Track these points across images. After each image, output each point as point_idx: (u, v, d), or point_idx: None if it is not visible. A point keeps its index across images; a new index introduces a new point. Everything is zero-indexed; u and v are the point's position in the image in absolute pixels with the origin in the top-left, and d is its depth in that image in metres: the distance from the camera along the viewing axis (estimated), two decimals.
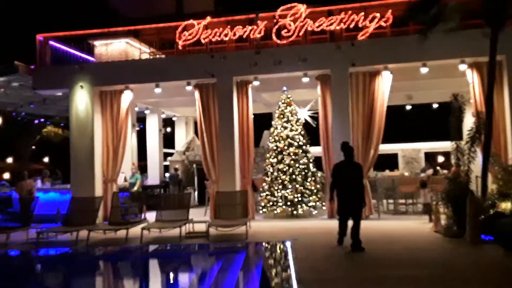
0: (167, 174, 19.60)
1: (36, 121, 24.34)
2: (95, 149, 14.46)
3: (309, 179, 13.50)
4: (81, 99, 14.58)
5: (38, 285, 7.92)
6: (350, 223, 9.25)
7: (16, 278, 8.34)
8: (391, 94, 13.38)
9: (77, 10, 28.43)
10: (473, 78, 12.85)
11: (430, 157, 19.72)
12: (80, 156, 14.44)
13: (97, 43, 16.30)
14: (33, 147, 32.87)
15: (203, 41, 14.15)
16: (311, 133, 14.55)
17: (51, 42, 15.30)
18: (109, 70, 14.77)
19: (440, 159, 20.08)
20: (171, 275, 8.78)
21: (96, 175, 14.38)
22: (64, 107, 16.71)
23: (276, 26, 13.64)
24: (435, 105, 18.48)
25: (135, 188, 15.39)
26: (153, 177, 18.88)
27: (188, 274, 8.56)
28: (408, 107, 18.85)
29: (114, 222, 11.81)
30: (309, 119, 15.69)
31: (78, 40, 15.93)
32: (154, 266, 9.68)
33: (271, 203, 13.54)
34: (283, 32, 13.57)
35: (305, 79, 13.60)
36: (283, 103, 14.18)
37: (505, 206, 9.58)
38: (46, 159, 34.19)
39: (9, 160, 29.86)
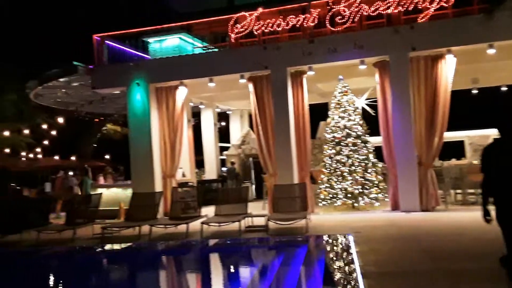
0: (224, 168, 19.67)
1: (96, 120, 25.17)
2: (153, 145, 14.66)
3: (369, 170, 13.08)
4: (138, 96, 14.81)
5: (104, 278, 8.11)
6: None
7: (83, 271, 8.59)
8: (455, 79, 12.68)
9: (130, 8, 29.08)
10: None
11: None
12: (139, 153, 14.70)
13: (151, 40, 16.53)
14: (95, 145, 34.12)
15: (255, 32, 13.98)
16: (370, 122, 14.12)
17: (107, 42, 15.65)
18: (163, 67, 14.92)
19: None
20: (233, 268, 8.75)
21: (155, 170, 14.59)
22: (122, 105, 17.11)
23: (330, 13, 13.24)
24: (504, 88, 17.40)
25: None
26: (210, 171, 19.01)
27: (249, 268, 8.49)
28: (474, 91, 17.85)
29: (174, 217, 11.94)
30: (367, 108, 15.23)
31: (133, 38, 16.21)
32: (215, 260, 9.71)
33: (330, 196, 13.25)
34: (337, 19, 13.16)
35: (362, 67, 13.14)
36: (339, 93, 13.80)
37: None
38: (107, 156, 35.34)
39: (73, 158, 31.07)
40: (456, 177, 13.32)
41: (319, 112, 17.90)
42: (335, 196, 13.20)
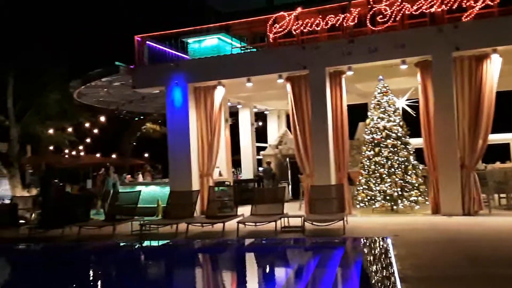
0: (260, 168, 19.69)
1: (136, 119, 25.68)
2: (191, 144, 14.81)
3: (409, 172, 12.78)
4: (177, 96, 15.01)
5: (141, 274, 8.23)
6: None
7: (122, 267, 8.74)
8: (500, 79, 12.27)
9: (170, 8, 29.52)
10: None
11: None
12: (177, 151, 14.89)
13: (190, 40, 16.71)
14: (134, 143, 34.82)
15: (294, 32, 13.92)
16: (411, 123, 13.81)
17: (148, 42, 15.92)
18: (202, 67, 15.06)
19: None
20: (268, 268, 8.71)
21: (192, 169, 14.73)
22: (161, 104, 17.37)
23: (371, 13, 13.03)
24: None
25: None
26: (247, 171, 19.06)
27: (285, 268, 8.42)
28: None
29: (211, 216, 12.02)
30: (408, 109, 14.91)
31: (172, 39, 16.43)
32: (250, 259, 9.69)
33: (368, 198, 13.03)
34: (378, 18, 12.93)
35: (403, 67, 12.87)
36: (379, 93, 13.55)
37: None
38: (146, 155, 36.02)
39: (113, 156, 31.82)
40: (500, 181, 12.88)
41: (358, 112, 17.66)
42: (373, 198, 12.98)
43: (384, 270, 6.85)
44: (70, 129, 22.43)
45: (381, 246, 8.65)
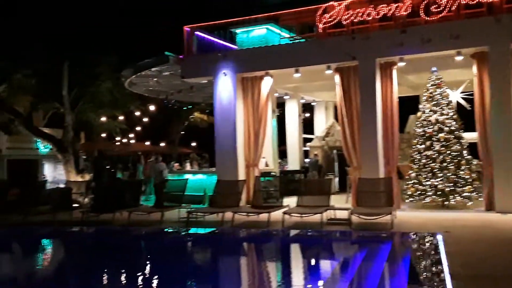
0: (306, 160, 19.59)
1: (184, 108, 26.10)
2: (238, 134, 14.90)
3: (462, 167, 12.37)
4: (224, 86, 15.11)
5: (188, 260, 8.39)
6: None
7: (168, 252, 8.94)
8: None
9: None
10: None
11: None
12: (224, 141, 15.02)
13: (238, 30, 16.75)
14: (182, 132, 35.47)
15: (344, 22, 13.68)
16: (465, 117, 13.34)
17: (197, 33, 16.08)
18: (250, 57, 15.08)
19: None
20: (313, 260, 8.67)
21: (239, 159, 14.83)
22: (209, 94, 17.55)
23: (425, 2, 12.62)
24: None
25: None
26: (293, 162, 19.00)
27: (330, 261, 8.35)
28: None
29: (256, 206, 12.10)
30: (462, 102, 14.40)
31: (221, 29, 16.52)
32: (296, 251, 9.68)
33: (418, 192, 12.73)
34: (433, 8, 12.52)
35: (458, 58, 12.43)
36: (432, 85, 13.17)
37: None
38: (193, 144, 36.62)
39: (162, 144, 32.57)
40: None
41: (409, 105, 17.21)
42: (424, 193, 12.68)
43: (434, 267, 6.68)
44: (121, 117, 23.07)
45: (430, 242, 8.44)
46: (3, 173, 20.94)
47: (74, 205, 13.69)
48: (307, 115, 22.61)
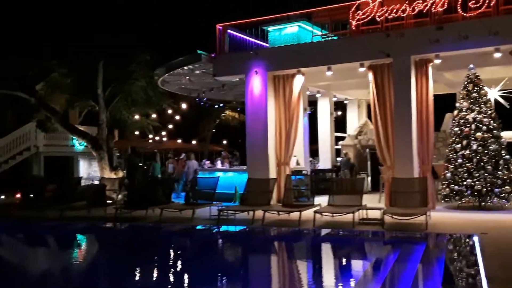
0: (338, 159, 19.39)
1: (216, 106, 26.24)
2: (269, 133, 14.87)
3: (500, 167, 12.00)
4: (256, 84, 15.09)
5: (218, 258, 8.43)
6: None
7: (200, 249, 9.01)
8: None
9: None
10: None
11: None
12: (255, 139, 15.01)
13: (270, 28, 16.70)
14: (214, 130, 35.70)
15: (378, 19, 13.45)
16: (503, 116, 12.94)
17: (229, 31, 16.11)
18: (281, 55, 15.02)
19: None
20: (345, 260, 8.57)
21: (270, 157, 14.79)
22: (241, 92, 17.57)
23: None
24: None
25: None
26: (325, 161, 18.84)
27: (362, 261, 8.25)
28: None
29: (287, 204, 12.04)
30: (501, 100, 13.97)
31: (253, 27, 16.51)
32: (327, 250, 9.60)
33: (454, 193, 12.43)
34: (471, 4, 12.19)
35: (497, 55, 12.06)
36: (469, 83, 12.81)
37: None
38: (224, 142, 36.83)
39: (194, 142, 32.87)
40: None
41: (445, 103, 16.83)
42: (460, 193, 12.36)
43: (469, 269, 6.49)
44: (154, 115, 23.35)
45: (466, 244, 8.22)
46: (40, 170, 21.50)
47: (108, 201, 13.93)
48: (339, 113, 22.38)
